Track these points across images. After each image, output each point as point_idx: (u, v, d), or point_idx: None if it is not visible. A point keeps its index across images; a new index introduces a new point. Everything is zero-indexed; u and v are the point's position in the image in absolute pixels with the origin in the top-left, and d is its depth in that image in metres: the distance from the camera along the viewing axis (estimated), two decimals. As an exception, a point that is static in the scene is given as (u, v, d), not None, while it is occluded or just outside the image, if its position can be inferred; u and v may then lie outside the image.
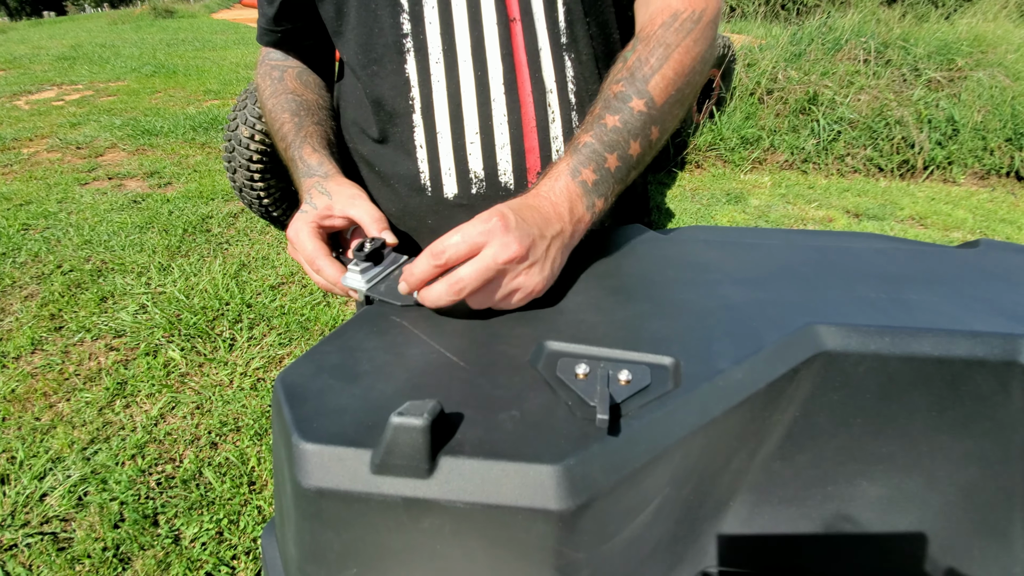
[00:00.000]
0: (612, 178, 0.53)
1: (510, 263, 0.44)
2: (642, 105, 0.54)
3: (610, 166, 0.53)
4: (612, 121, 0.54)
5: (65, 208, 3.07)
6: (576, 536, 0.31)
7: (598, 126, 0.54)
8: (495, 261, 0.43)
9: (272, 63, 0.75)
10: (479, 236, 0.44)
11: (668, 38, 0.56)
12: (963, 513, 0.42)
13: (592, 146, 0.53)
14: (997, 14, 5.24)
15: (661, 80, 0.54)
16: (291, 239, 0.58)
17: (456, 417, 0.33)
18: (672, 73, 0.55)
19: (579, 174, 0.52)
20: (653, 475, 0.34)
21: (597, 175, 0.52)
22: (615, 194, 0.55)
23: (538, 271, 0.46)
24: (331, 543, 0.33)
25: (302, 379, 0.37)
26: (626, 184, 0.56)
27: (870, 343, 0.40)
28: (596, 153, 0.53)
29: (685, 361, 0.39)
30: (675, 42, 0.55)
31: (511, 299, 0.46)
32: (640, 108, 0.54)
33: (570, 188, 0.51)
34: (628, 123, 0.53)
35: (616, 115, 0.54)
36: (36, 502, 1.40)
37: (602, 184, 0.53)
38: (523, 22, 0.61)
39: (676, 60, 0.55)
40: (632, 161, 0.54)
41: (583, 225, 0.52)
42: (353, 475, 0.30)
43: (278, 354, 1.96)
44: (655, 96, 0.54)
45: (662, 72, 0.55)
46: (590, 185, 0.52)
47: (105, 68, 7.13)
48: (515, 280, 0.45)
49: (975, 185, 3.96)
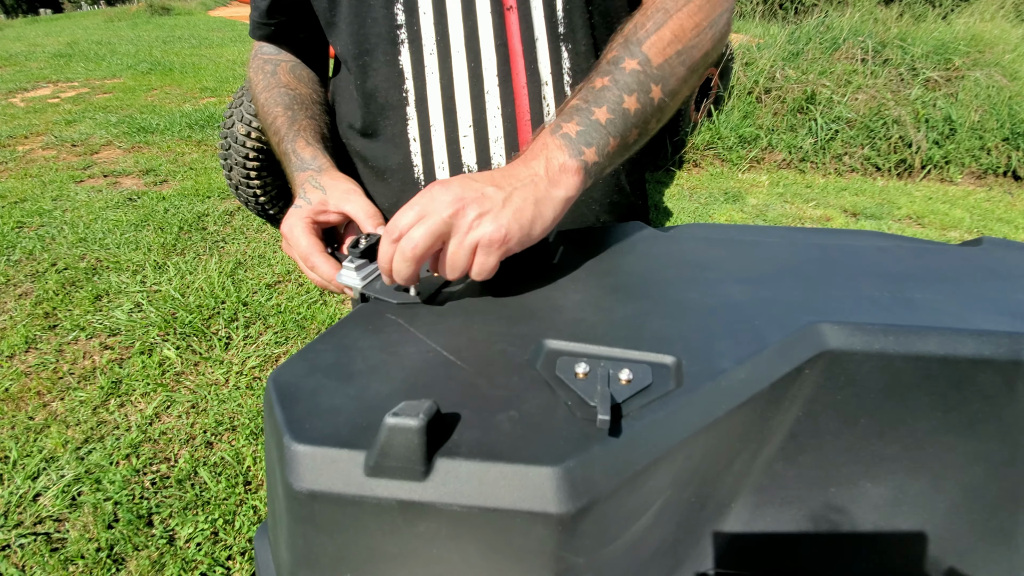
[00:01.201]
0: (603, 129, 0.50)
1: (455, 216, 0.44)
2: (635, 64, 0.51)
3: (599, 118, 0.50)
4: (601, 82, 0.51)
5: (60, 206, 3.05)
6: (576, 540, 0.30)
7: (586, 89, 0.52)
8: (439, 215, 0.43)
9: (265, 57, 0.74)
10: (422, 199, 0.45)
11: (667, 4, 0.53)
12: (968, 514, 0.41)
13: (576, 105, 0.51)
14: (994, 14, 5.24)
15: (658, 40, 0.52)
16: (285, 235, 0.57)
17: (453, 418, 0.32)
18: (670, 34, 0.52)
19: (560, 129, 0.50)
20: (655, 477, 0.33)
21: (581, 126, 0.50)
22: (614, 148, 0.51)
23: (492, 219, 0.44)
24: (324, 547, 0.32)
25: (295, 379, 0.36)
26: (627, 143, 0.52)
27: (874, 342, 0.39)
28: (580, 109, 0.50)
29: (687, 360, 0.38)
30: (675, 7, 0.53)
31: (477, 255, 0.45)
32: (633, 67, 0.51)
33: (547, 142, 0.49)
34: (619, 81, 0.51)
35: (606, 77, 0.51)
36: (29, 502, 1.39)
37: (590, 133, 0.50)
38: (519, 11, 0.59)
39: (675, 23, 0.52)
40: (630, 116, 0.51)
41: (569, 175, 0.48)
42: (346, 477, 0.29)
43: (274, 353, 1.95)
44: (650, 56, 0.52)
45: (659, 33, 0.52)
46: (573, 136, 0.49)
47: (101, 65, 7.09)
48: (470, 233, 0.44)
49: (972, 184, 3.97)
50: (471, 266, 0.45)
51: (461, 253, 0.44)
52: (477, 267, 0.45)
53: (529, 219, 0.46)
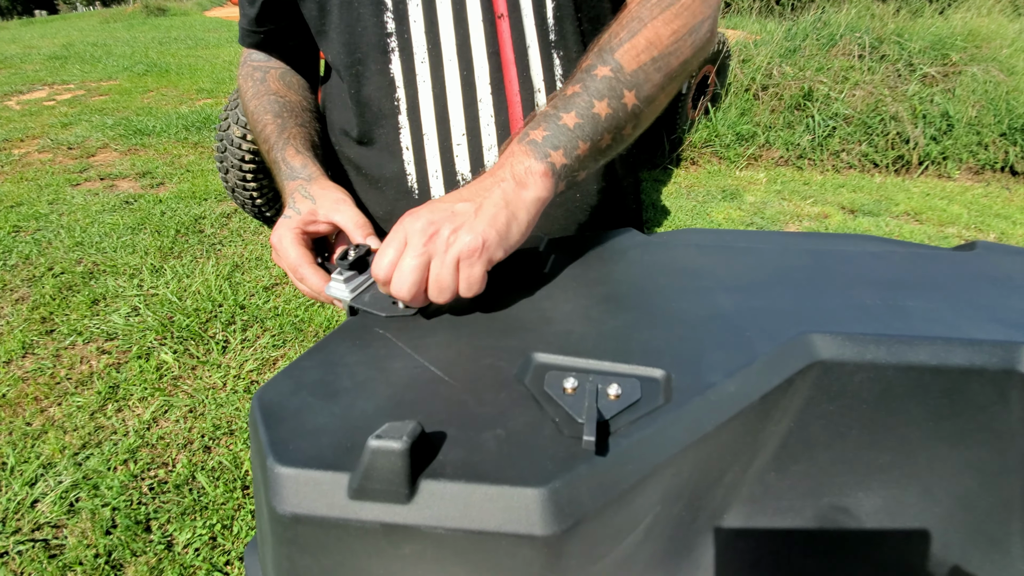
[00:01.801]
0: (572, 133, 0.50)
1: (431, 240, 0.44)
2: (607, 71, 0.51)
3: (567, 123, 0.50)
4: (572, 89, 0.52)
5: (56, 209, 3.04)
6: (563, 561, 0.29)
7: (559, 97, 0.52)
8: (416, 247, 0.44)
9: (254, 64, 0.73)
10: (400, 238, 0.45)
11: (642, 13, 0.54)
12: (961, 524, 0.41)
13: (545, 112, 0.51)
14: (991, 9, 5.23)
15: (631, 48, 0.52)
16: (274, 246, 0.56)
17: (438, 437, 0.32)
18: (644, 41, 0.52)
19: (526, 136, 0.50)
20: (643, 494, 0.33)
21: (548, 131, 0.50)
22: (585, 152, 0.51)
23: (467, 231, 0.44)
24: (310, 569, 0.31)
25: (280, 397, 0.36)
26: (600, 147, 0.52)
27: (866, 352, 0.39)
28: (548, 116, 0.51)
29: (676, 374, 0.38)
30: (649, 16, 0.53)
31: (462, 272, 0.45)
32: (605, 73, 0.51)
33: (513, 150, 0.50)
34: (589, 87, 0.51)
35: (577, 84, 0.52)
36: (27, 508, 1.39)
37: (557, 137, 0.50)
38: (511, 19, 0.59)
39: (650, 31, 0.53)
40: (600, 120, 0.51)
41: (536, 176, 0.48)
42: (330, 500, 0.29)
43: (272, 356, 1.95)
44: (623, 63, 0.52)
45: (632, 41, 0.52)
46: (539, 141, 0.49)
47: (97, 67, 7.07)
48: (449, 251, 0.44)
49: (970, 180, 3.96)
50: (458, 283, 0.45)
51: (445, 272, 0.44)
52: (464, 282, 0.44)
53: (504, 223, 0.46)
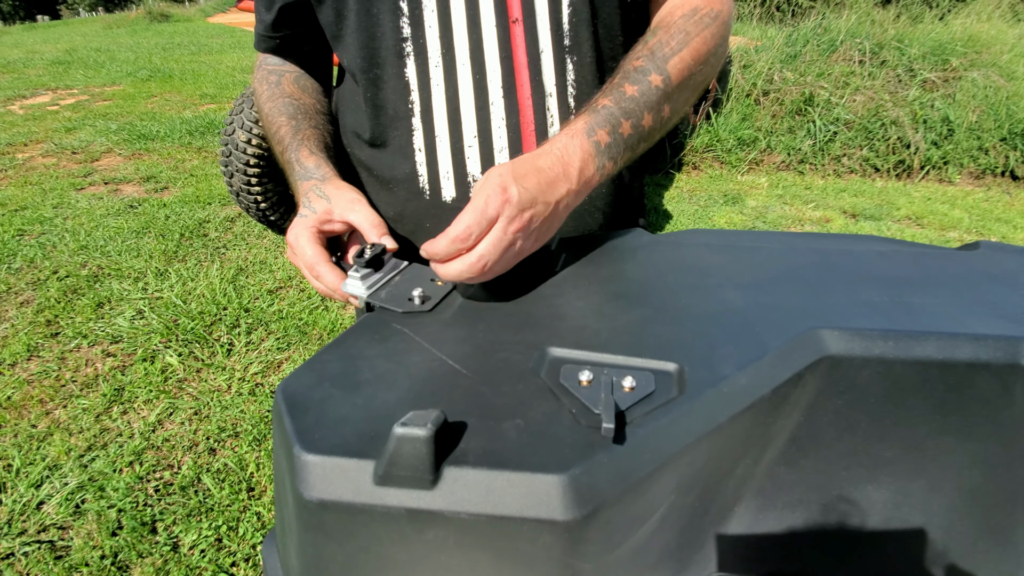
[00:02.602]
0: (624, 143, 0.55)
1: (519, 231, 0.48)
2: (659, 81, 0.56)
3: (624, 131, 0.55)
4: (631, 91, 0.56)
5: (61, 213, 3.05)
6: (582, 546, 0.30)
7: (617, 92, 0.56)
8: (508, 232, 0.47)
9: (269, 68, 0.75)
10: (493, 210, 0.47)
11: (688, 27, 0.58)
12: (967, 517, 0.42)
13: (610, 109, 0.55)
14: (991, 15, 5.26)
15: (679, 62, 0.57)
16: (290, 244, 0.57)
17: (459, 426, 0.33)
18: (690, 58, 0.57)
19: (594, 133, 0.54)
20: (659, 483, 0.33)
21: (611, 138, 0.54)
22: (624, 160, 0.57)
23: (536, 235, 0.50)
24: (334, 555, 0.32)
25: (303, 389, 0.36)
26: (635, 154, 0.58)
27: (873, 347, 0.40)
28: (613, 116, 0.55)
29: (689, 367, 0.38)
30: (695, 31, 0.58)
31: (516, 260, 0.50)
32: (657, 83, 0.56)
33: (584, 147, 0.53)
34: (645, 95, 0.56)
35: (635, 86, 0.56)
36: (33, 510, 1.39)
37: (614, 147, 0.55)
38: (525, 24, 0.60)
39: (694, 47, 0.57)
40: (643, 132, 0.57)
41: (591, 186, 0.54)
42: (356, 486, 0.30)
43: (276, 359, 1.96)
44: (672, 75, 0.57)
45: (680, 55, 0.57)
46: (603, 147, 0.54)
47: (100, 72, 7.11)
48: (522, 244, 0.49)
49: (971, 185, 3.98)
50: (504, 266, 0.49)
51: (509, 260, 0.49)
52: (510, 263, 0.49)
53: (556, 228, 0.53)
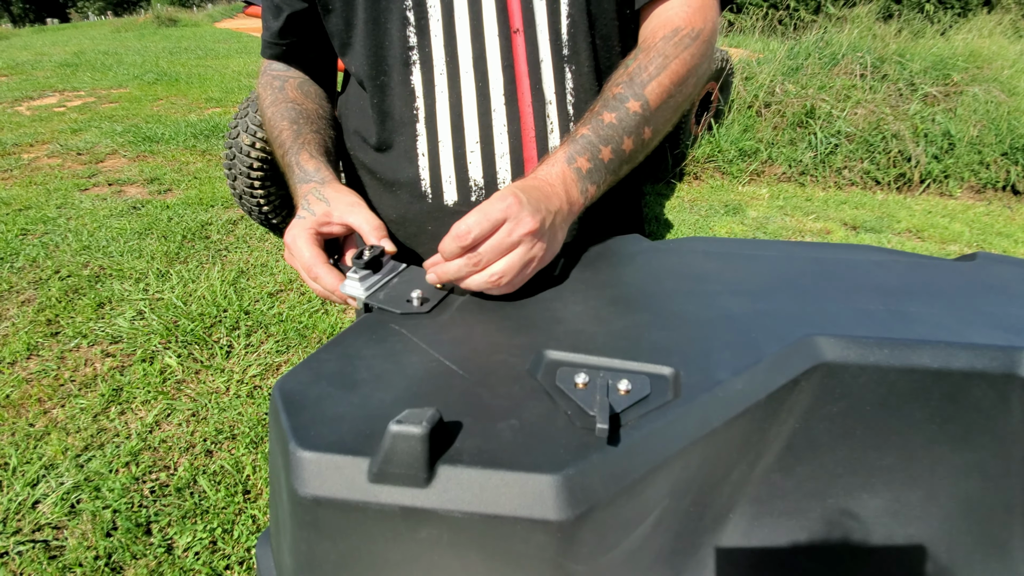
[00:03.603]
0: (605, 168, 0.57)
1: (528, 236, 0.48)
2: (637, 107, 0.58)
3: (604, 157, 0.57)
4: (609, 118, 0.57)
5: (64, 214, 3.06)
6: (575, 547, 0.30)
7: (595, 121, 0.57)
8: (511, 233, 0.48)
9: (274, 73, 0.75)
10: (499, 213, 0.48)
11: (667, 50, 0.59)
12: (963, 526, 0.42)
13: (588, 138, 0.57)
14: (992, 30, 5.30)
15: (657, 86, 0.58)
16: (288, 245, 0.58)
17: (455, 426, 0.33)
18: (668, 81, 0.59)
19: (574, 161, 0.56)
20: (653, 486, 0.33)
21: (591, 164, 0.56)
22: (607, 184, 0.59)
23: (545, 242, 0.51)
24: (327, 553, 0.32)
25: (300, 387, 0.37)
26: (618, 177, 0.60)
27: (869, 355, 0.40)
28: (592, 144, 0.56)
29: (685, 371, 0.39)
30: (673, 54, 0.59)
31: (527, 270, 0.50)
32: (635, 109, 0.58)
33: (565, 172, 0.55)
34: (623, 121, 0.57)
35: (613, 113, 0.57)
36: (28, 509, 1.39)
37: (595, 173, 0.56)
38: (526, 34, 0.61)
39: (672, 70, 0.59)
40: (624, 156, 0.58)
41: (577, 208, 0.56)
42: (350, 484, 0.30)
43: (275, 361, 1.96)
44: (650, 100, 0.58)
45: (659, 79, 0.58)
46: (584, 172, 0.56)
47: (107, 75, 7.16)
48: (531, 251, 0.49)
49: (971, 199, 3.98)
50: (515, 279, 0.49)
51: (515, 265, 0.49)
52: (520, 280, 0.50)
53: (559, 242, 0.54)
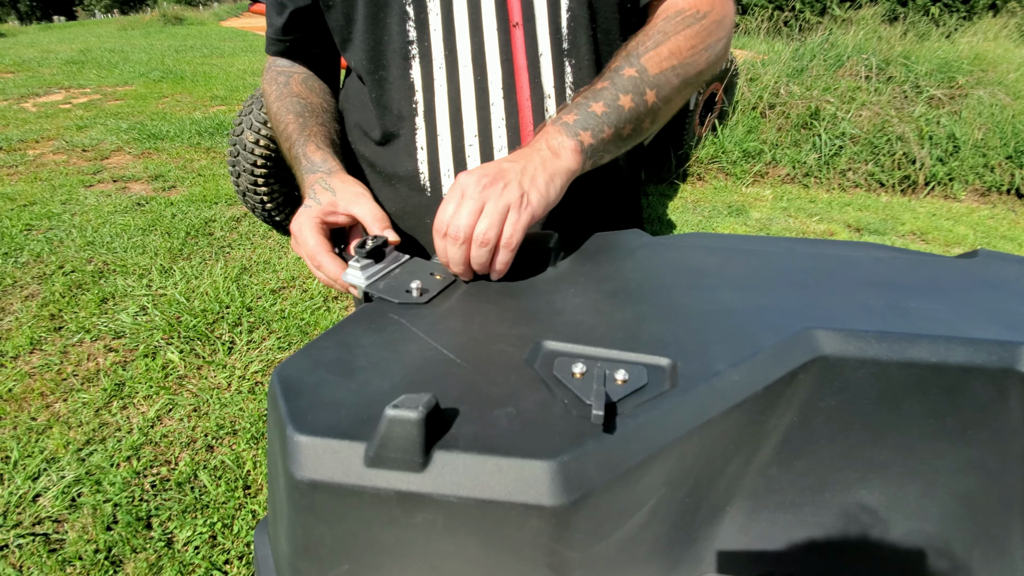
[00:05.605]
0: (599, 119, 0.56)
1: (484, 188, 0.49)
2: (633, 71, 0.57)
3: (595, 110, 0.56)
4: (601, 84, 0.57)
5: (69, 209, 3.08)
6: (570, 533, 0.30)
7: (588, 90, 0.58)
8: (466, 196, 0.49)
9: (279, 69, 0.76)
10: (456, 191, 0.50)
11: (667, 28, 0.59)
12: (961, 521, 0.42)
13: (577, 101, 0.57)
14: (997, 34, 5.28)
15: (655, 55, 0.58)
16: (294, 233, 0.58)
17: (451, 412, 0.33)
18: (667, 51, 0.58)
19: (559, 120, 0.56)
20: (648, 474, 0.33)
21: (579, 116, 0.55)
22: (609, 136, 0.57)
23: (516, 186, 0.50)
24: (323, 537, 0.32)
25: (299, 373, 0.37)
26: (622, 135, 0.58)
27: (868, 348, 0.40)
28: (579, 104, 0.56)
29: (682, 362, 0.39)
30: (674, 31, 0.59)
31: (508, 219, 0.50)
32: (631, 74, 0.57)
33: (547, 130, 0.55)
34: (616, 83, 0.57)
35: (606, 80, 0.58)
36: (29, 502, 1.39)
37: (586, 120, 0.55)
38: (525, 28, 0.61)
39: (672, 43, 0.58)
40: (623, 112, 0.57)
41: (568, 151, 0.54)
42: (347, 468, 0.30)
43: (277, 358, 1.96)
44: (647, 67, 0.57)
45: (656, 50, 0.58)
46: (570, 123, 0.55)
47: (113, 73, 7.19)
48: (500, 199, 0.49)
49: (976, 202, 3.97)
50: (502, 231, 0.49)
51: (496, 217, 0.49)
52: (508, 229, 0.50)
53: (544, 183, 0.52)
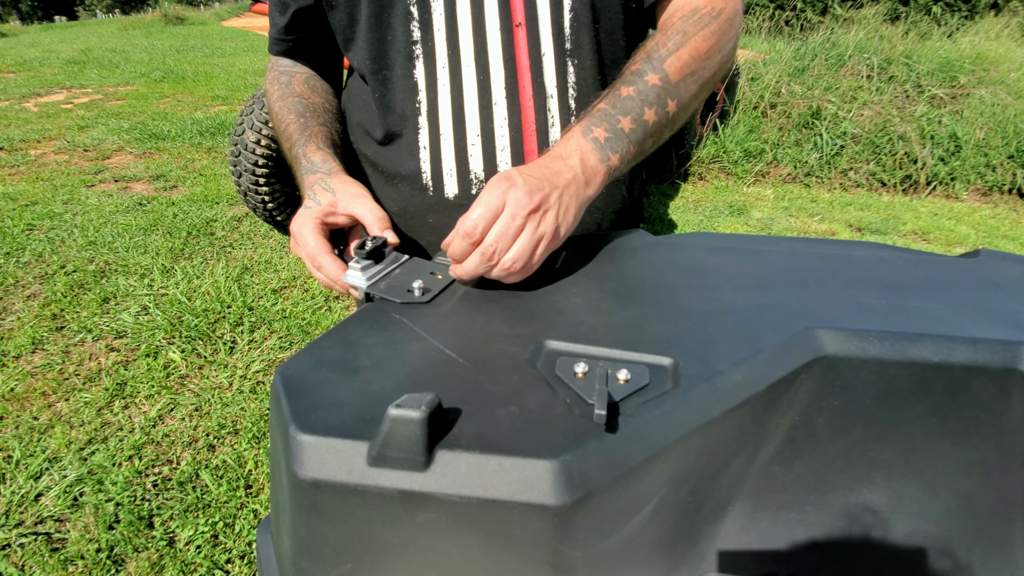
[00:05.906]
0: (626, 138, 0.56)
1: (530, 214, 0.48)
2: (656, 79, 0.57)
3: (623, 127, 0.55)
4: (627, 91, 0.57)
5: (70, 209, 3.08)
6: (572, 533, 0.30)
7: (613, 95, 0.57)
8: (518, 218, 0.47)
9: (281, 69, 0.76)
10: (497, 200, 0.48)
11: (686, 28, 0.59)
12: (963, 521, 0.42)
13: (605, 110, 0.56)
14: (999, 33, 5.27)
15: (676, 60, 0.58)
16: (294, 234, 0.58)
17: (454, 412, 0.33)
18: (688, 55, 0.58)
19: (591, 132, 0.55)
20: (651, 474, 0.33)
21: (609, 133, 0.55)
22: (632, 155, 0.57)
23: (553, 217, 0.50)
24: (326, 537, 0.32)
25: (301, 372, 0.37)
26: (643, 150, 0.58)
27: (870, 348, 0.40)
28: (609, 116, 0.56)
29: (684, 362, 0.39)
30: (693, 31, 0.59)
31: (538, 251, 0.49)
32: (655, 82, 0.57)
33: (581, 144, 0.54)
34: (642, 92, 0.56)
35: (631, 87, 0.57)
36: (31, 502, 1.39)
37: (615, 141, 0.55)
38: (528, 28, 0.61)
39: (692, 46, 0.58)
40: (648, 127, 0.57)
41: (599, 178, 0.54)
42: (350, 467, 0.30)
43: (278, 358, 1.96)
44: (670, 73, 0.57)
45: (678, 54, 0.58)
46: (602, 141, 0.55)
47: (115, 72, 7.19)
48: (538, 231, 0.49)
49: (977, 201, 3.96)
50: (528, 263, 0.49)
51: (528, 248, 0.48)
52: (535, 260, 0.49)
53: (574, 216, 0.52)
